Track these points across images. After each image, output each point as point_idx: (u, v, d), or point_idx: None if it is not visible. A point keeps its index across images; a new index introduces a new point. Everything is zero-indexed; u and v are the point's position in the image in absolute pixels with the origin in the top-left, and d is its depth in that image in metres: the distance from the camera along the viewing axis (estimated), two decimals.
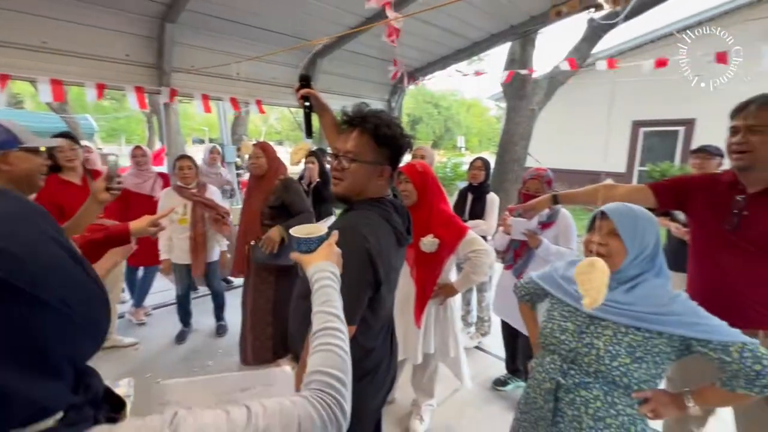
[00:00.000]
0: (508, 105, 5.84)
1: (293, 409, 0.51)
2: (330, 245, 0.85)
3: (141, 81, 3.30)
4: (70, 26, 2.86)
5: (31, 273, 0.38)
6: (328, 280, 0.76)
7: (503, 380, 2.59)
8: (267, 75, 4.07)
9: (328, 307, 0.70)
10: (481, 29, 4.23)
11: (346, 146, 1.09)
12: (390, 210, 1.14)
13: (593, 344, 1.05)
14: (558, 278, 1.24)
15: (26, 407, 0.38)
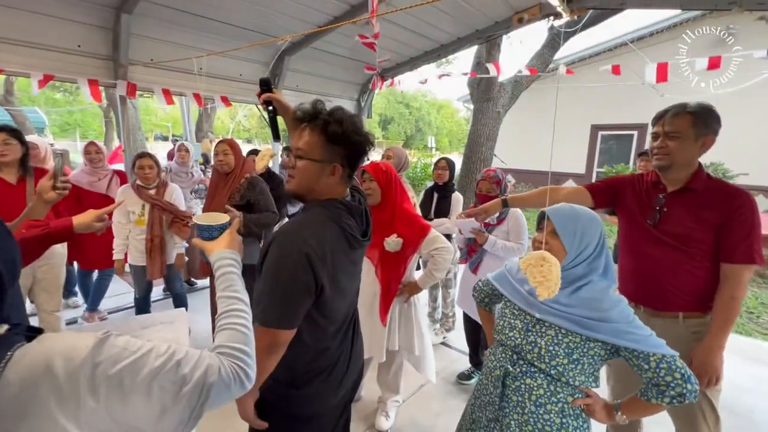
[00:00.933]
0: (474, 107, 6.00)
1: (206, 358, 0.62)
2: (231, 233, 0.90)
3: (95, 73, 3.13)
4: (15, 12, 2.67)
5: None
6: (229, 267, 0.82)
7: (467, 374, 2.68)
8: (233, 71, 3.97)
9: (231, 292, 0.78)
10: (448, 32, 4.32)
11: (297, 144, 1.09)
12: (341, 211, 1.11)
13: (536, 342, 1.11)
14: (511, 279, 1.29)
15: None
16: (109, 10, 3.00)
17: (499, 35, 4.69)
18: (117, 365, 0.53)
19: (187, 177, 4.04)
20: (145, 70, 3.38)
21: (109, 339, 0.55)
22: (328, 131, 1.04)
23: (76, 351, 0.52)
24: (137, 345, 0.57)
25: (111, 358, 0.53)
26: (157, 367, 0.56)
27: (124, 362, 0.54)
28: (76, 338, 0.54)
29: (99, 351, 0.53)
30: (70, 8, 2.86)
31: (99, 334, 0.56)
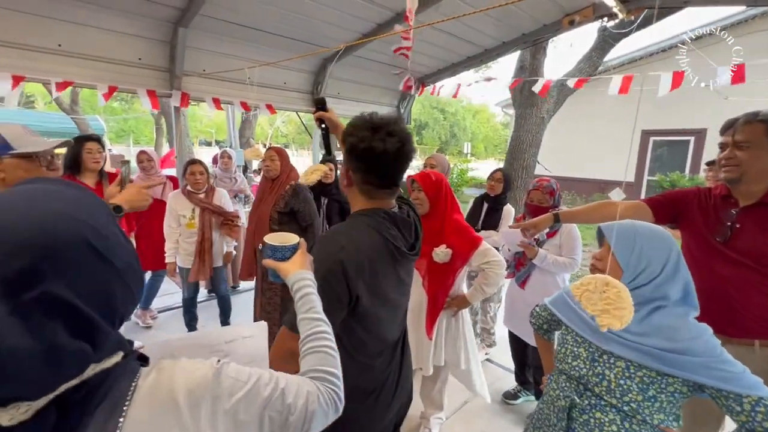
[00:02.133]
0: (517, 112, 5.81)
1: (305, 384, 0.62)
2: (303, 253, 0.90)
3: (153, 84, 3.31)
4: (85, 29, 2.88)
5: (106, 242, 0.49)
6: (308, 288, 0.82)
7: (513, 393, 2.55)
8: (278, 80, 4.08)
9: (313, 313, 0.77)
10: (493, 37, 4.21)
11: None
12: (384, 221, 1.07)
13: (604, 375, 1.01)
14: (572, 303, 1.18)
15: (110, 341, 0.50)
16: (168, 24, 3.16)
17: (547, 39, 4.52)
18: (233, 398, 0.54)
19: (231, 182, 4.18)
20: (197, 80, 3.53)
21: (224, 369, 0.56)
22: (344, 141, 1.07)
23: (196, 383, 0.52)
24: (246, 374, 0.57)
25: (227, 390, 0.54)
26: (267, 397, 0.57)
27: (238, 394, 0.54)
28: (193, 368, 0.54)
29: (217, 384, 0.53)
30: (133, 24, 3.05)
31: (214, 363, 0.56)
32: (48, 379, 0.43)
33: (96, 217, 0.50)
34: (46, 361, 0.41)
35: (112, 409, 0.46)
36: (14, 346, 0.39)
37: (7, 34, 2.63)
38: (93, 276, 0.47)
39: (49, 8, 2.68)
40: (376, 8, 3.40)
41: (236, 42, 3.57)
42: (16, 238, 0.42)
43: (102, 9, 2.84)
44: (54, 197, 0.48)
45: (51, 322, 0.42)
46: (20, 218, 0.44)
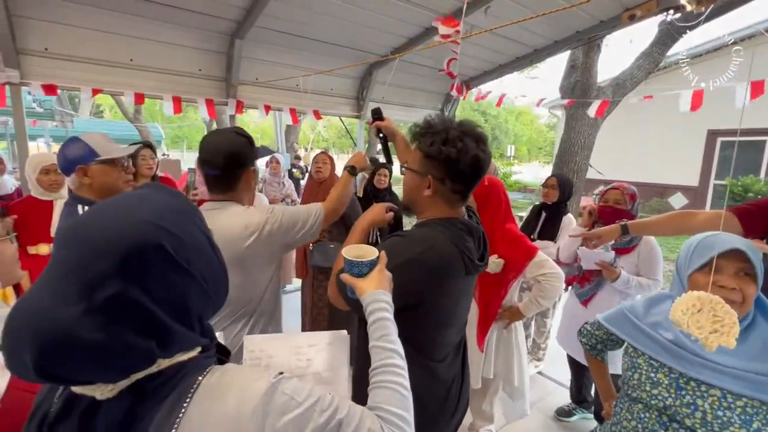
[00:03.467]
0: (567, 113, 5.55)
1: (366, 419, 0.57)
2: (381, 270, 0.83)
3: (211, 93, 3.50)
4: (153, 44, 3.10)
5: (185, 251, 0.51)
6: (383, 312, 0.75)
7: (568, 410, 2.42)
8: (325, 86, 4.17)
9: (386, 342, 0.71)
10: (544, 36, 4.05)
11: (406, 158, 1.16)
12: (462, 232, 1.04)
13: (697, 405, 0.88)
14: (638, 322, 1.05)
15: (183, 341, 0.53)
16: (225, 36, 3.34)
17: (603, 36, 4.27)
18: (284, 417, 0.52)
19: (279, 187, 4.33)
20: (251, 89, 3.70)
21: (280, 385, 0.54)
22: (422, 143, 1.04)
23: (249, 394, 0.52)
24: (304, 394, 0.55)
25: (279, 408, 0.52)
26: (321, 425, 0.53)
27: (290, 414, 0.52)
28: (251, 378, 0.54)
29: (270, 399, 0.52)
30: (194, 37, 3.25)
31: (271, 377, 0.55)
32: (117, 369, 0.47)
33: (178, 223, 0.52)
34: (114, 354, 0.46)
35: (176, 401, 0.50)
36: (88, 339, 0.43)
37: (89, 52, 2.89)
38: (168, 280, 0.49)
39: (123, 26, 2.92)
40: (424, 12, 3.39)
41: (286, 51, 3.69)
42: (99, 242, 0.46)
43: (168, 24, 3.05)
44: (144, 204, 0.51)
45: (121, 321, 0.46)
46: (106, 224, 0.48)
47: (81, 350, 0.44)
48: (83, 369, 0.45)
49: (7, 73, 2.60)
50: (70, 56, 2.84)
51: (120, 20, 2.87)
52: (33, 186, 2.12)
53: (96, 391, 0.48)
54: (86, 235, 0.47)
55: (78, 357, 0.44)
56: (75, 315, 0.43)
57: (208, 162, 1.29)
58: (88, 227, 0.47)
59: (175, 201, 0.55)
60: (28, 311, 0.44)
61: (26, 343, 0.42)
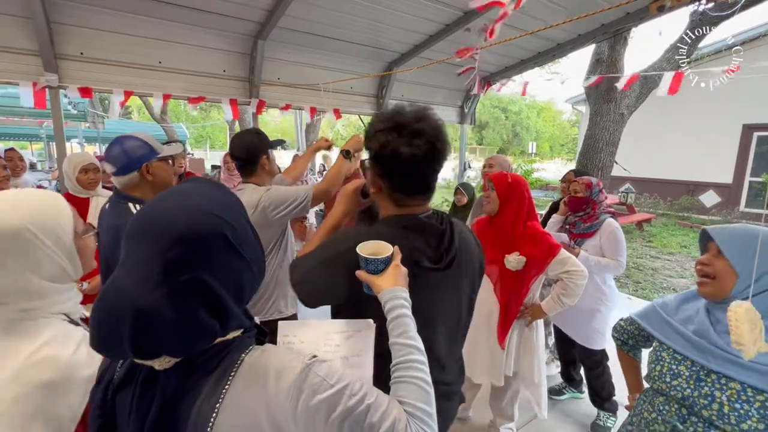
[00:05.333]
0: (592, 109, 5.41)
1: (394, 408, 0.60)
2: (397, 266, 0.82)
3: (235, 94, 3.60)
4: (181, 47, 3.21)
5: (240, 238, 0.58)
6: (402, 309, 0.76)
7: (558, 389, 2.54)
8: (345, 85, 4.21)
9: (407, 339, 0.72)
10: (567, 30, 3.95)
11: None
12: (405, 231, 0.94)
13: (714, 397, 0.89)
14: (667, 317, 1.07)
15: (236, 321, 0.58)
16: (248, 38, 3.42)
17: (629, 28, 4.14)
18: (316, 396, 0.55)
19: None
20: (272, 88, 3.77)
21: (314, 366, 0.58)
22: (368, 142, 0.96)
23: (285, 373, 0.56)
24: (336, 376, 0.58)
25: (312, 387, 0.55)
26: (350, 408, 0.56)
27: (322, 395, 0.55)
28: (288, 358, 0.59)
29: (304, 378, 0.56)
30: (219, 39, 3.34)
31: (306, 359, 0.58)
32: (186, 345, 0.53)
33: (234, 214, 0.59)
34: (187, 332, 0.52)
35: (221, 376, 0.55)
36: (166, 317, 0.50)
37: (121, 55, 3.02)
38: (229, 265, 0.56)
39: (153, 30, 3.03)
40: (444, 8, 3.37)
41: (307, 50, 3.75)
42: (175, 231, 0.52)
43: (194, 28, 3.14)
44: (203, 197, 0.58)
45: (195, 301, 0.52)
46: (178, 215, 0.54)
47: (166, 327, 0.50)
48: (166, 344, 0.52)
49: (47, 77, 2.75)
50: (104, 60, 2.97)
51: (150, 25, 2.99)
52: (71, 184, 2.23)
53: (156, 363, 0.54)
54: (162, 227, 0.53)
55: (163, 334, 0.50)
56: (161, 297, 0.50)
57: (233, 155, 1.77)
58: (162, 219, 0.54)
59: (224, 194, 0.62)
60: (120, 298, 0.50)
61: (123, 325, 0.48)
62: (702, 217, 8.64)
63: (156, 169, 1.44)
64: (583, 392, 2.51)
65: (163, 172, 1.47)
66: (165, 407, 0.54)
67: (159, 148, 1.47)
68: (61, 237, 0.74)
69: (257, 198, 1.62)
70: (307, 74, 3.86)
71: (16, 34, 2.64)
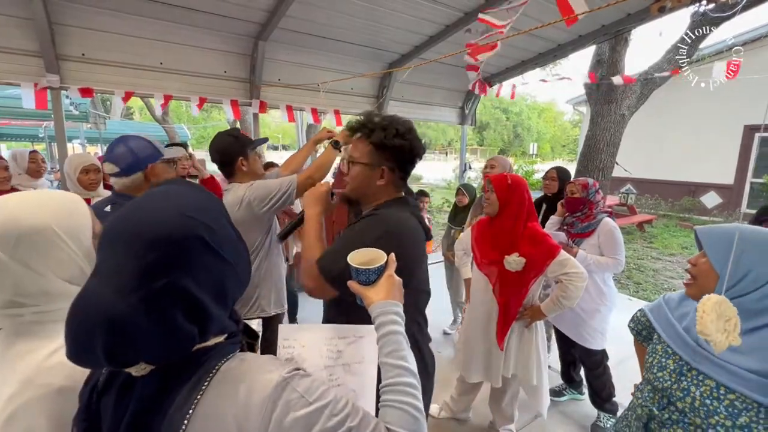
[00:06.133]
0: (592, 110, 5.40)
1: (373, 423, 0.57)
2: (390, 276, 0.78)
3: (235, 94, 3.61)
4: (182, 48, 3.22)
5: (219, 240, 0.56)
6: (393, 325, 0.70)
7: (558, 390, 2.54)
8: (345, 85, 4.21)
9: (396, 359, 0.67)
10: (568, 30, 3.95)
11: (351, 152, 1.20)
12: (413, 207, 1.20)
13: (689, 391, 0.94)
14: (668, 312, 1.11)
15: (217, 326, 0.57)
16: (249, 39, 3.42)
17: (630, 29, 4.14)
18: (290, 414, 0.52)
19: None
20: (273, 89, 3.78)
21: (293, 381, 0.54)
22: (372, 138, 1.14)
23: (259, 386, 0.53)
24: (317, 393, 0.54)
25: (288, 404, 0.52)
26: (328, 429, 0.52)
27: (298, 413, 0.52)
28: (265, 369, 0.55)
29: (280, 392, 0.53)
30: (219, 40, 3.35)
31: (285, 371, 0.55)
32: (163, 353, 0.51)
33: (212, 215, 0.57)
34: (163, 339, 0.50)
35: (195, 385, 0.53)
36: (141, 325, 0.48)
37: (122, 56, 3.03)
38: (208, 267, 0.54)
39: (154, 31, 3.04)
40: (445, 9, 3.38)
41: (307, 51, 3.76)
42: (149, 235, 0.50)
43: (195, 29, 3.16)
44: (181, 200, 0.56)
45: (172, 307, 0.50)
46: (155, 218, 0.52)
47: (142, 335, 0.48)
48: (142, 352, 0.50)
49: (48, 78, 2.76)
50: (105, 61, 2.98)
51: (151, 26, 3.00)
52: (73, 185, 2.24)
53: (132, 369, 0.53)
54: (135, 231, 0.51)
55: (139, 341, 0.49)
56: (135, 303, 0.48)
57: (211, 158, 1.79)
58: (135, 223, 0.52)
59: (202, 195, 0.60)
60: (93, 306, 0.48)
61: (97, 335, 0.47)
62: (703, 218, 8.62)
63: (160, 170, 1.45)
64: (584, 393, 2.51)
65: (166, 173, 1.48)
66: (138, 414, 0.52)
67: (162, 150, 1.48)
68: (81, 238, 0.73)
69: (241, 194, 1.64)
70: (308, 75, 3.87)
71: (17, 35, 2.65)
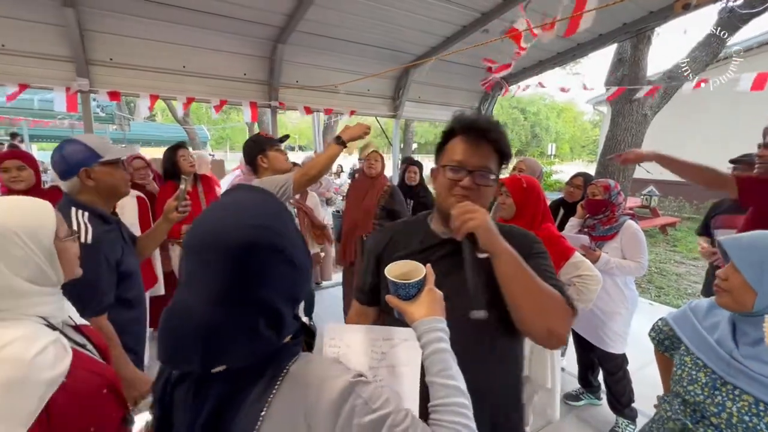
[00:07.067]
0: (613, 109, 5.29)
1: None
2: (430, 291, 0.75)
3: (255, 96, 3.69)
4: (203, 52, 3.31)
5: (289, 245, 0.59)
6: (440, 343, 0.68)
7: (575, 394, 2.51)
8: (362, 87, 4.25)
9: (446, 378, 0.65)
10: (588, 29, 3.87)
11: (473, 160, 0.91)
12: None
13: (725, 407, 0.90)
14: (696, 323, 1.06)
15: (289, 329, 0.61)
16: (269, 42, 3.50)
17: (652, 27, 4.04)
18: (355, 419, 0.53)
19: (317, 186, 4.48)
20: (291, 91, 3.85)
21: (357, 386, 0.56)
22: (501, 143, 0.92)
23: (328, 387, 0.55)
24: (380, 401, 0.56)
25: (353, 408, 0.54)
26: None
27: (363, 419, 0.53)
28: (333, 373, 0.58)
29: (346, 397, 0.55)
30: (240, 44, 3.43)
31: (351, 376, 0.57)
32: (247, 356, 0.56)
33: (283, 224, 0.60)
34: (248, 343, 0.55)
35: (268, 384, 0.56)
36: (231, 332, 0.53)
37: (147, 60, 3.15)
38: (284, 275, 0.58)
39: (178, 36, 3.14)
40: (461, 10, 3.37)
41: (325, 53, 3.81)
42: (234, 249, 0.54)
43: (217, 33, 3.24)
44: (255, 209, 0.60)
45: (256, 315, 0.55)
46: (234, 231, 0.55)
47: (231, 341, 0.54)
48: (229, 355, 0.55)
49: (79, 82, 2.88)
50: (131, 65, 3.10)
51: (175, 30, 3.09)
52: None
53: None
54: (220, 244, 0.54)
55: (228, 347, 0.54)
56: (226, 313, 0.53)
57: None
58: (220, 236, 0.55)
59: (273, 202, 0.64)
60: (188, 316, 0.54)
61: (192, 341, 0.52)
62: None
63: (98, 174, 1.33)
64: (601, 399, 2.47)
65: (108, 177, 1.36)
66: (215, 410, 0.56)
67: (104, 151, 1.35)
68: (41, 239, 0.77)
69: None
70: (325, 77, 3.92)
71: (52, 41, 2.79)
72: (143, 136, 11.04)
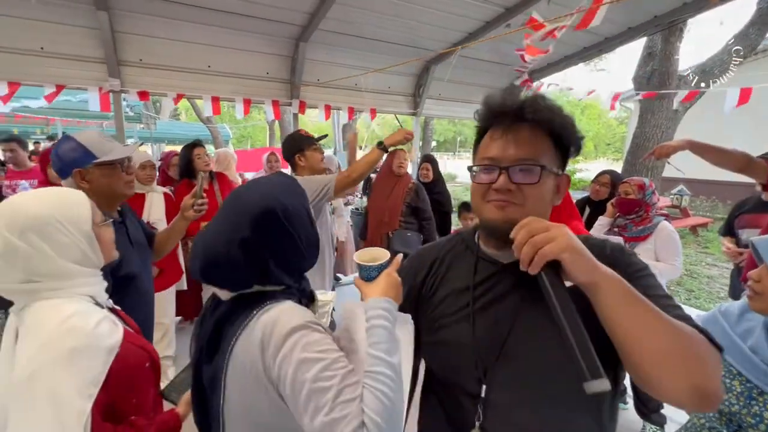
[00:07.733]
0: (642, 105, 5.10)
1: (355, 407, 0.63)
2: (389, 275, 0.78)
3: (277, 95, 3.74)
4: (227, 51, 3.38)
5: (290, 216, 0.77)
6: (378, 320, 0.71)
7: None
8: (383, 84, 4.25)
9: (376, 350, 0.69)
10: (616, 22, 3.75)
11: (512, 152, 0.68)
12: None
13: (763, 417, 0.87)
14: (727, 328, 1.02)
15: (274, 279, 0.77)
16: (291, 41, 3.53)
17: (685, 19, 3.87)
18: (295, 353, 0.65)
19: None
20: (312, 89, 3.88)
21: (308, 330, 0.69)
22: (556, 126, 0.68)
23: (283, 323, 0.69)
24: (323, 347, 0.67)
25: (296, 343, 0.66)
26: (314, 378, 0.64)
27: (301, 354, 0.65)
28: (291, 315, 0.71)
29: (293, 333, 0.67)
30: (263, 43, 3.48)
31: (305, 320, 0.70)
32: (234, 281, 0.77)
33: (290, 199, 0.78)
34: (237, 271, 0.74)
35: (249, 312, 0.73)
36: (228, 258, 0.73)
37: (174, 60, 3.23)
38: (274, 233, 0.75)
39: (203, 36, 3.21)
40: (484, 5, 3.32)
41: (346, 51, 3.82)
42: (245, 207, 0.75)
43: (240, 32, 3.30)
44: (272, 186, 0.80)
45: (245, 252, 0.73)
46: (252, 197, 0.77)
47: (224, 264, 0.73)
48: (222, 276, 0.76)
49: (111, 82, 2.99)
50: (160, 65, 3.19)
51: (200, 31, 3.17)
52: None
53: (222, 294, 0.79)
54: (238, 202, 0.77)
55: (222, 267, 0.74)
56: (225, 243, 0.73)
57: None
58: (241, 198, 0.78)
59: (290, 183, 0.84)
60: (202, 241, 0.77)
61: (199, 257, 0.75)
62: None
63: (93, 175, 1.24)
64: (627, 403, 2.39)
65: (104, 179, 1.26)
66: (217, 325, 0.77)
67: (100, 152, 1.25)
68: (81, 226, 0.86)
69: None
70: (345, 74, 3.94)
71: (86, 44, 2.90)
72: (168, 135, 11.37)
